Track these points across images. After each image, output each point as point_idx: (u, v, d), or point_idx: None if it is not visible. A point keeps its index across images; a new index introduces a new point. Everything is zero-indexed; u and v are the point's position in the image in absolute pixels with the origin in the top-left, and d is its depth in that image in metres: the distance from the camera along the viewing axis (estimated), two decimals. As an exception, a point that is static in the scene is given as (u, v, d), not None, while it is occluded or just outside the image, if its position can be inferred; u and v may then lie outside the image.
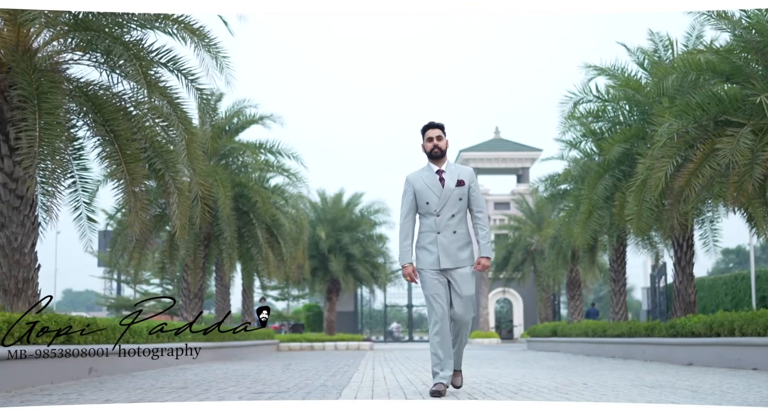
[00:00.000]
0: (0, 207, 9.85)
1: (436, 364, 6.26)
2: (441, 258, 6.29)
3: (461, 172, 6.47)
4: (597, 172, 16.76)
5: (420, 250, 6.40)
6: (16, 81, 9.34)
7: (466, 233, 6.42)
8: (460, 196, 6.37)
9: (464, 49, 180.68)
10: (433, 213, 6.37)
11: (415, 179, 6.48)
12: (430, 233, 6.36)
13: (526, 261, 33.59)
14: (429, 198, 6.38)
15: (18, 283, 9.74)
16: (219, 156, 20.11)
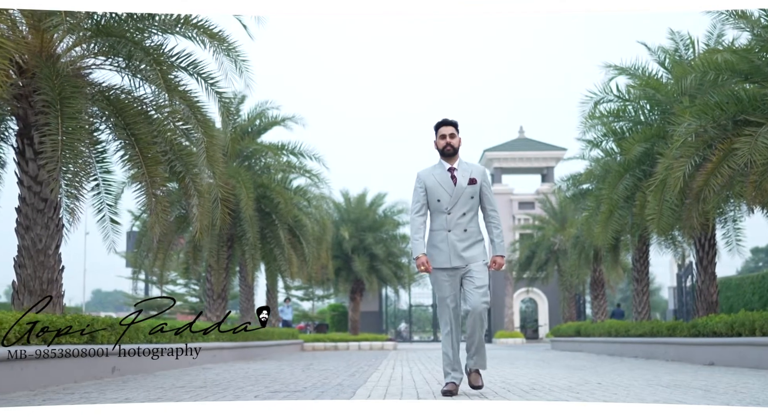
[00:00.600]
0: (25, 209, 10.07)
1: (447, 364, 6.30)
2: (451, 257, 6.26)
3: (473, 170, 6.43)
4: (618, 172, 16.73)
5: (431, 249, 6.36)
6: (39, 86, 9.53)
7: (477, 231, 6.39)
8: (471, 195, 6.35)
9: (489, 48, 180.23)
10: (444, 211, 6.33)
11: (426, 176, 6.45)
12: (441, 231, 6.33)
13: (550, 260, 33.50)
14: (440, 195, 6.34)
15: (42, 284, 9.94)
16: (242, 157, 20.29)
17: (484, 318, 6.24)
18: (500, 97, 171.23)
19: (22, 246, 10.07)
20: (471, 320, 6.20)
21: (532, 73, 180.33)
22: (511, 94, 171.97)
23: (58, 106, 9.10)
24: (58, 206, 10.18)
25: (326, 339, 28.54)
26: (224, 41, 10.77)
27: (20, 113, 10.04)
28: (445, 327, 6.35)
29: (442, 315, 6.38)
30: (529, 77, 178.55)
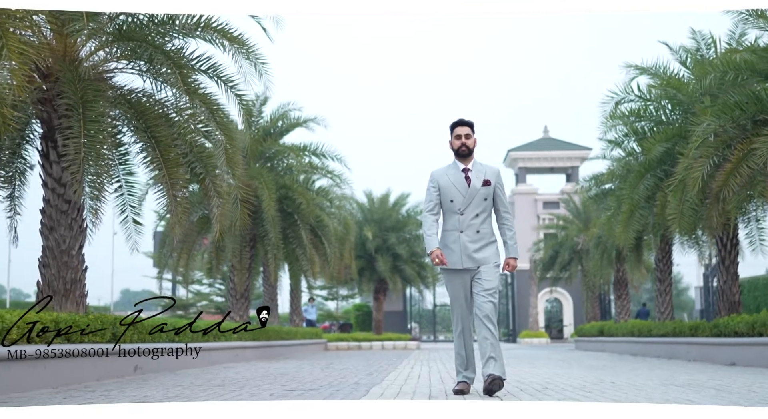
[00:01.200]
0: (49, 211, 10.27)
1: (460, 363, 6.36)
2: (463, 258, 6.23)
3: (487, 171, 6.37)
4: (638, 172, 16.70)
5: (443, 249, 6.31)
6: (62, 90, 9.72)
7: (490, 233, 6.35)
8: (485, 196, 6.30)
9: (514, 47, 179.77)
10: (456, 212, 6.29)
11: (440, 176, 6.40)
12: (453, 232, 6.29)
13: (573, 260, 33.40)
14: (453, 196, 6.30)
15: (66, 284, 10.13)
16: (264, 158, 20.46)
17: (492, 321, 6.19)
18: (525, 96, 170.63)
19: (46, 246, 10.27)
20: (479, 323, 6.19)
21: (557, 73, 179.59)
22: (536, 93, 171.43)
23: (80, 110, 9.28)
24: (81, 207, 10.37)
25: (350, 339, 28.67)
26: (244, 44, 10.90)
27: (44, 116, 10.24)
28: (456, 327, 6.38)
29: (454, 316, 6.40)
30: (554, 76, 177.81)
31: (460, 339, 6.36)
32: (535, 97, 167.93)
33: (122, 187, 11.24)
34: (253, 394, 6.73)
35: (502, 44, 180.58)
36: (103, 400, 6.31)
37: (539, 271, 35.29)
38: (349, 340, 28.38)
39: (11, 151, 11.09)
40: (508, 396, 6.15)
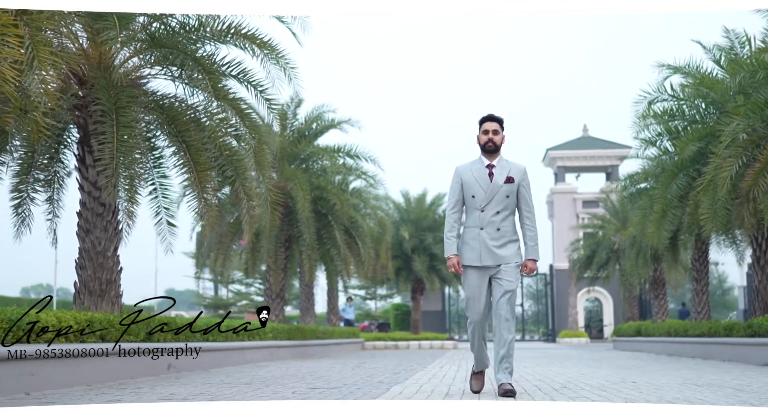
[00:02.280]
0: (85, 214, 10.59)
1: (479, 361, 6.43)
2: (482, 255, 6.11)
3: (512, 169, 6.24)
4: (671, 171, 16.64)
5: (463, 245, 6.23)
6: (97, 96, 10.02)
7: (511, 231, 6.21)
8: (507, 194, 6.17)
9: (552, 47, 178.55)
10: (477, 208, 6.17)
11: (464, 171, 6.30)
12: (474, 228, 6.18)
13: (611, 260, 33.20)
14: (475, 191, 6.19)
15: (102, 285, 10.43)
16: (299, 160, 20.71)
17: (511, 323, 6.14)
18: (565, 95, 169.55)
19: (82, 248, 10.59)
20: (497, 327, 6.09)
21: (599, 71, 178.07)
22: (576, 92, 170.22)
23: (113, 116, 9.57)
24: (116, 210, 10.67)
25: (387, 338, 28.84)
26: (273, 49, 11.14)
27: (80, 122, 10.56)
28: (469, 327, 6.31)
29: (469, 314, 6.26)
30: (595, 75, 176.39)
31: (474, 338, 6.32)
32: (575, 96, 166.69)
33: (157, 189, 11.52)
34: (276, 392, 6.91)
35: (542, 43, 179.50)
36: (132, 397, 6.53)
37: (576, 271, 35.13)
38: (386, 340, 28.54)
39: (50, 156, 11.43)
40: (524, 396, 6.26)
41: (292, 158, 20.35)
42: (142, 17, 10.56)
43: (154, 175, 11.49)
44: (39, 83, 6.15)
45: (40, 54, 6.18)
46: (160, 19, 10.63)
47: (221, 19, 10.92)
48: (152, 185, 11.47)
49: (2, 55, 5.77)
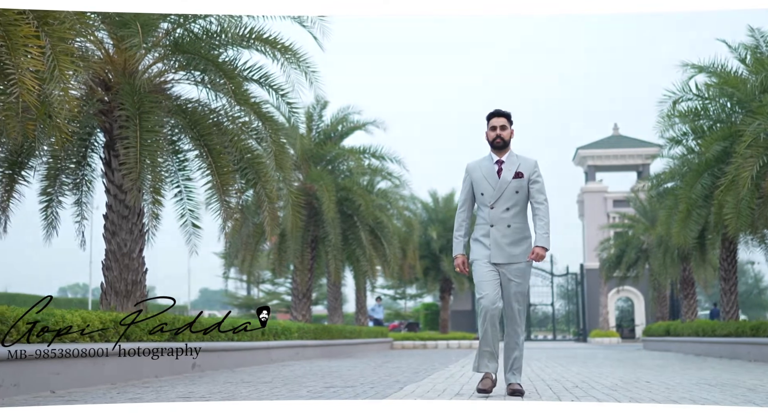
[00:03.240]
0: (111, 216, 10.84)
1: (482, 354, 6.03)
2: (493, 253, 6.03)
3: (522, 163, 6.15)
4: (695, 171, 16.60)
5: (474, 243, 6.17)
6: (121, 102, 10.27)
7: (523, 227, 6.12)
8: (516, 189, 6.08)
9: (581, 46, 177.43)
10: (487, 205, 6.10)
11: (473, 168, 6.24)
12: (484, 226, 6.10)
13: (640, 259, 33.02)
14: (484, 189, 6.12)
15: (127, 285, 10.69)
16: (325, 161, 20.89)
17: (521, 325, 6.11)
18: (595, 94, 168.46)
19: (108, 250, 10.85)
20: (507, 327, 6.04)
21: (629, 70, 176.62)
22: (607, 91, 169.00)
23: (137, 121, 9.81)
24: (141, 213, 10.91)
25: (415, 338, 28.94)
26: (295, 53, 11.33)
27: (106, 126, 10.82)
28: (481, 314, 6.03)
29: (480, 308, 6.06)
30: (626, 74, 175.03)
31: (485, 326, 5.98)
32: (606, 95, 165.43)
33: (182, 192, 11.77)
34: (292, 391, 7.07)
35: (573, 42, 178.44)
36: (152, 396, 6.72)
37: (605, 270, 34.99)
38: (415, 339, 28.65)
39: (78, 160, 11.71)
40: (532, 396, 6.35)
41: (317, 159, 20.55)
42: (166, 24, 10.81)
43: (179, 177, 11.73)
44: (60, 92, 6.37)
45: (61, 63, 6.40)
46: (183, 25, 10.86)
47: (243, 23, 11.15)
48: (177, 188, 11.71)
49: (24, 66, 6.00)
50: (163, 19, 10.71)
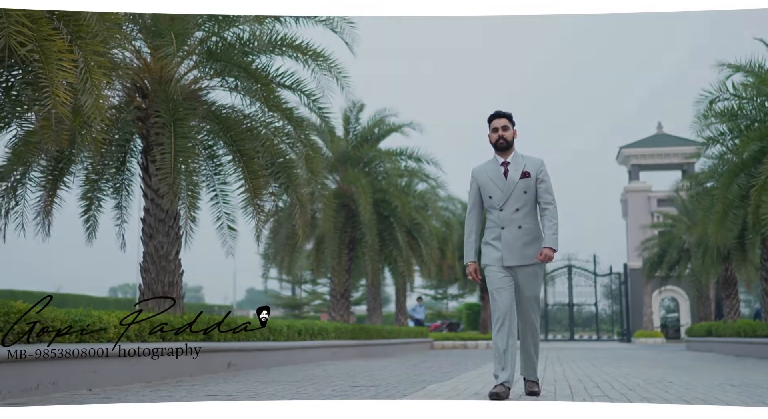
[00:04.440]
0: (149, 220, 11.19)
1: (498, 363, 5.89)
2: (505, 256, 5.99)
3: (528, 163, 6.11)
4: (732, 171, 16.49)
5: (485, 246, 6.12)
6: (157, 109, 10.60)
7: (534, 228, 6.07)
8: (525, 189, 6.04)
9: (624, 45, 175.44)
10: (496, 207, 6.05)
11: (478, 172, 6.20)
12: (495, 229, 6.06)
13: (682, 259, 32.72)
14: (492, 191, 6.08)
15: (164, 287, 11.01)
16: (362, 163, 21.12)
17: (537, 330, 6.09)
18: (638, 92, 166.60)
19: (146, 252, 11.19)
20: (523, 331, 6.01)
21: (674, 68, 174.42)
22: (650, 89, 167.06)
23: (171, 127, 10.13)
24: (177, 216, 11.23)
25: (455, 338, 29.04)
26: (327, 59, 11.57)
27: (143, 133, 11.16)
28: (496, 323, 5.95)
29: (494, 311, 6.00)
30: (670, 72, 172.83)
31: (500, 334, 5.91)
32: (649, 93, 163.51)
33: (218, 195, 12.06)
34: (318, 390, 7.28)
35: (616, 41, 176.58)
36: (182, 395, 6.97)
37: (647, 270, 34.73)
38: (455, 339, 28.76)
39: (118, 165, 12.08)
40: (545, 397, 6.48)
41: (354, 162, 20.78)
42: (200, 32, 11.12)
43: (215, 181, 12.03)
44: (93, 103, 6.67)
45: (93, 76, 6.70)
46: (217, 33, 11.17)
47: (275, 30, 11.44)
48: (213, 191, 12.01)
49: (57, 79, 6.30)
50: (197, 28, 11.03)
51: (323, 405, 5.87)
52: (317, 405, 5.88)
